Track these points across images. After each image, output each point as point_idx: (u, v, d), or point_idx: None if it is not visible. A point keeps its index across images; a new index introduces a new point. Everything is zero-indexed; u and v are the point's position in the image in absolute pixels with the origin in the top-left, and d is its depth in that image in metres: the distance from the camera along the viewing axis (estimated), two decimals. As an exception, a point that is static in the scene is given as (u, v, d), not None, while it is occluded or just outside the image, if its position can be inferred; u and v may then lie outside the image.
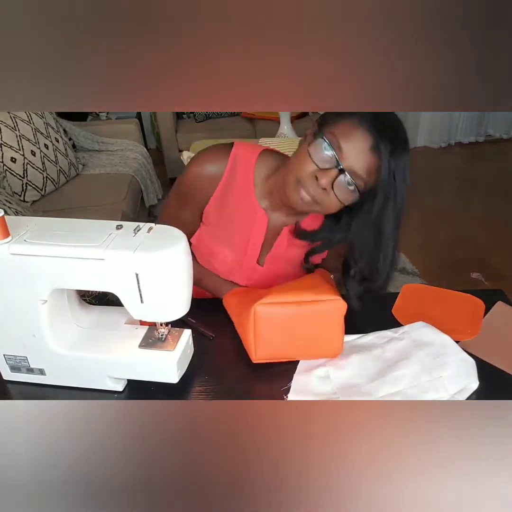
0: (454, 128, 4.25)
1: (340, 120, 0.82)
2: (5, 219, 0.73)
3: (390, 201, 0.82)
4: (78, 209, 2.32)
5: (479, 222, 3.05)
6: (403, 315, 1.02)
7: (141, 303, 0.76)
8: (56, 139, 2.51)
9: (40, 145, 2.37)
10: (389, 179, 0.80)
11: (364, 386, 0.85)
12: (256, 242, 1.02)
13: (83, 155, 2.80)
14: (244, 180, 0.98)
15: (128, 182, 2.60)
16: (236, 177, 0.98)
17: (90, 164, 2.76)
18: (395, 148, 0.79)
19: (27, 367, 0.85)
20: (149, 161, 3.01)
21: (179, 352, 0.82)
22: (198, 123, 3.47)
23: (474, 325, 0.99)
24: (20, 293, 0.77)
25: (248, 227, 1.01)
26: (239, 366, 0.91)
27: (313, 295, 0.87)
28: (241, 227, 1.01)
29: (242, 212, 1.00)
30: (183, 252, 0.76)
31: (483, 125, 4.29)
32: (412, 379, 0.84)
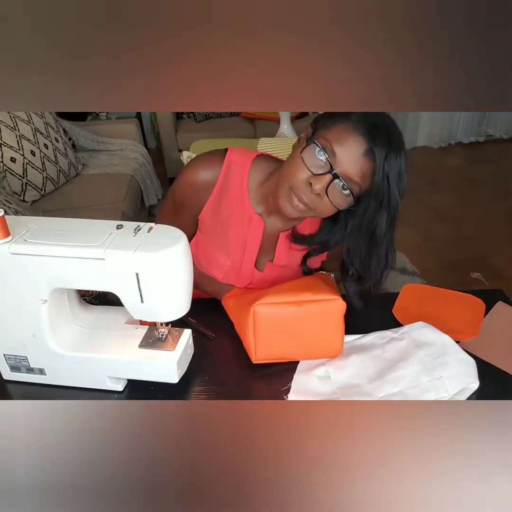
0: (454, 128, 4.25)
1: (333, 124, 0.81)
2: (5, 218, 0.73)
3: (384, 205, 0.82)
4: (78, 209, 2.32)
5: (479, 222, 3.05)
6: (403, 315, 1.02)
7: (141, 303, 0.76)
8: (56, 139, 2.51)
9: (40, 145, 2.37)
10: (383, 183, 0.80)
11: (364, 386, 0.85)
12: (252, 248, 1.02)
13: (83, 155, 2.79)
14: (238, 186, 0.97)
15: (128, 182, 2.60)
16: (230, 183, 0.97)
17: (90, 164, 2.76)
18: (389, 152, 0.78)
19: (27, 367, 0.85)
20: (149, 161, 3.01)
21: (179, 352, 0.82)
22: (198, 123, 3.47)
23: (474, 325, 0.99)
24: (20, 292, 0.77)
25: (243, 233, 1.01)
26: (239, 366, 0.91)
27: (312, 295, 0.87)
28: (236, 233, 1.01)
29: (237, 218, 1.00)
30: (183, 252, 0.75)
31: (483, 125, 4.29)
32: (412, 379, 0.84)
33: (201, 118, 3.49)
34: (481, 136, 4.32)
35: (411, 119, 4.14)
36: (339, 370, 0.88)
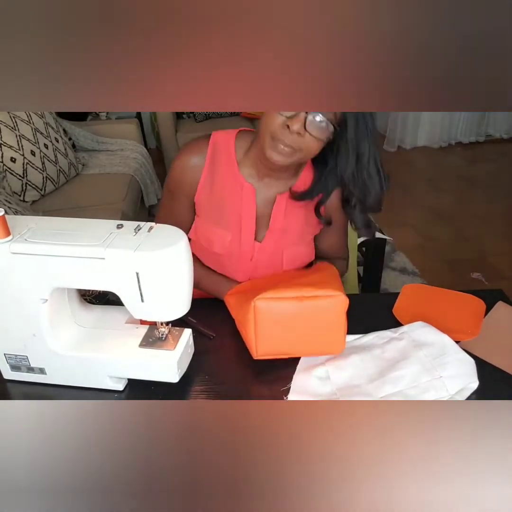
0: (454, 128, 4.26)
1: None
2: (5, 218, 0.73)
3: (360, 121, 0.86)
4: (78, 209, 2.32)
5: (479, 222, 3.05)
6: (403, 315, 1.02)
7: (141, 302, 0.76)
8: (56, 139, 2.51)
9: (40, 145, 2.37)
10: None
11: (364, 387, 0.85)
12: (248, 217, 1.04)
13: (83, 155, 2.79)
14: (227, 160, 1.01)
15: (128, 182, 2.60)
16: (218, 160, 1.01)
17: (90, 164, 2.76)
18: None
19: (28, 366, 0.85)
20: (149, 161, 3.01)
21: (180, 352, 0.82)
22: (198, 123, 3.47)
23: (475, 325, 0.99)
24: (20, 292, 0.77)
25: (238, 204, 1.03)
26: (240, 365, 0.91)
27: (314, 290, 0.87)
28: (232, 205, 1.03)
29: (230, 190, 1.02)
30: (183, 251, 0.76)
31: (483, 125, 4.30)
32: (412, 379, 0.84)
33: (201, 118, 3.49)
34: (481, 136, 4.33)
35: (411, 119, 4.14)
36: (339, 371, 0.88)
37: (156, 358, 0.81)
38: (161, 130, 3.34)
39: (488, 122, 4.31)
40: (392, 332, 0.96)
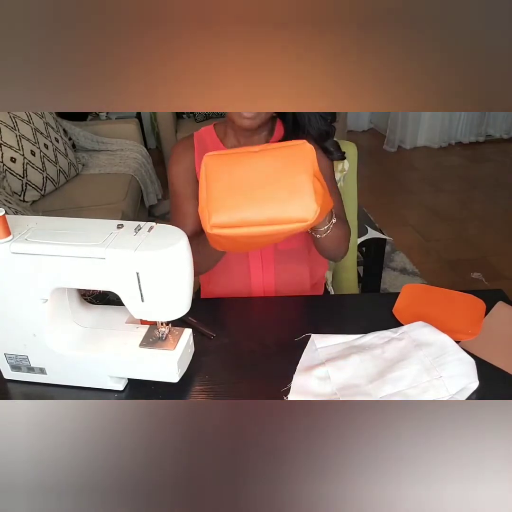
0: (454, 128, 4.26)
1: None
2: (6, 218, 0.73)
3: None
4: (78, 209, 2.33)
5: (479, 222, 3.05)
6: (403, 315, 1.02)
7: (141, 302, 0.76)
8: (56, 139, 2.51)
9: (40, 145, 2.37)
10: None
11: (364, 387, 0.85)
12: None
13: (83, 155, 2.80)
14: (212, 143, 1.11)
15: (128, 182, 2.60)
16: (205, 147, 1.10)
17: (90, 164, 2.76)
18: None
19: (28, 366, 0.85)
20: (149, 161, 3.01)
21: (180, 352, 0.82)
22: (198, 123, 3.47)
23: (475, 325, 0.99)
24: (21, 292, 0.77)
25: None
26: (239, 366, 0.91)
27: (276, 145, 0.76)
28: None
29: None
30: (183, 251, 0.76)
31: (483, 125, 4.29)
32: (412, 379, 0.84)
33: (201, 118, 3.49)
34: (481, 136, 4.32)
35: (411, 119, 4.14)
36: (339, 371, 0.88)
37: (156, 358, 0.81)
38: (161, 130, 3.34)
39: (488, 122, 4.30)
40: (392, 332, 0.96)
